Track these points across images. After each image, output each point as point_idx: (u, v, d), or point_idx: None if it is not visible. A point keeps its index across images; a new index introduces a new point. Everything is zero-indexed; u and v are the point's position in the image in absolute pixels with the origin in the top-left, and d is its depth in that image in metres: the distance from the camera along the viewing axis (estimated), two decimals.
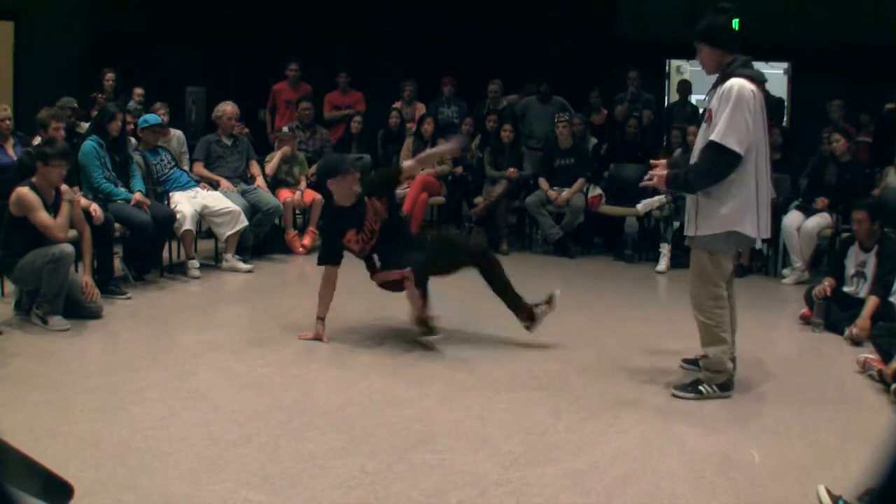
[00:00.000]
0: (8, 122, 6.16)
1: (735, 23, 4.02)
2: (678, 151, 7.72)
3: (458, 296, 5.44)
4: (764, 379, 4.40)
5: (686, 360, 4.46)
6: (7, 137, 6.12)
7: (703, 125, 3.97)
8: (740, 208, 3.87)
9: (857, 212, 5.45)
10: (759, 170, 3.91)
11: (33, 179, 5.08)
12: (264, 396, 3.98)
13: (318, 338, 4.87)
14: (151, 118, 6.82)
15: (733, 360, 4.26)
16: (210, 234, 7.00)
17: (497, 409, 3.90)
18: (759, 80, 3.90)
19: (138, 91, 8.35)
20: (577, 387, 4.24)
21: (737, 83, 3.80)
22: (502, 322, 5.29)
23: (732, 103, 3.77)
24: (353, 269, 5.72)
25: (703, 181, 3.88)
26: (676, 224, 7.32)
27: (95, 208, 5.62)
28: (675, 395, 4.09)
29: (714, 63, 3.96)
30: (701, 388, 4.07)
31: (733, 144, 3.75)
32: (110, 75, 8.12)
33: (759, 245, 4.36)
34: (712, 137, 3.81)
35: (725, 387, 4.08)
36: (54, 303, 4.96)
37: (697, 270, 4.05)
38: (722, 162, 3.81)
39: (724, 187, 3.87)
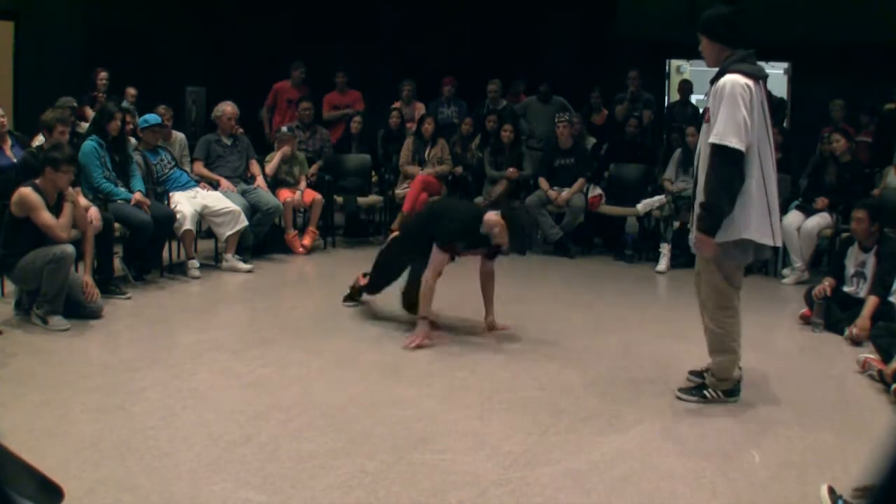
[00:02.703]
0: (3, 120, 6.12)
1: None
2: (678, 152, 7.74)
3: (459, 295, 5.45)
4: (764, 379, 4.40)
5: (692, 373, 4.31)
6: (4, 138, 6.09)
7: (704, 125, 3.88)
8: (748, 214, 3.73)
9: (857, 210, 5.44)
10: (766, 172, 3.77)
11: (37, 181, 5.08)
12: (264, 396, 3.98)
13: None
14: (151, 118, 6.81)
15: (739, 368, 4.25)
16: (210, 234, 7.00)
17: (497, 409, 3.90)
18: (756, 75, 3.77)
19: (131, 91, 8.34)
20: (577, 387, 4.24)
21: (729, 80, 3.70)
22: (502, 321, 5.29)
23: (726, 101, 3.67)
24: (352, 271, 5.74)
25: (723, 193, 3.69)
26: (676, 224, 7.33)
27: (95, 214, 5.56)
28: (679, 398, 4.07)
29: (713, 56, 3.86)
30: (706, 392, 4.04)
31: (733, 142, 3.64)
32: (103, 74, 8.10)
33: (768, 255, 4.22)
34: (711, 140, 3.70)
35: (731, 393, 4.04)
36: (54, 303, 4.96)
37: (708, 280, 3.93)
38: (728, 163, 3.67)
39: None
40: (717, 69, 3.86)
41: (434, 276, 4.84)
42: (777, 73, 10.68)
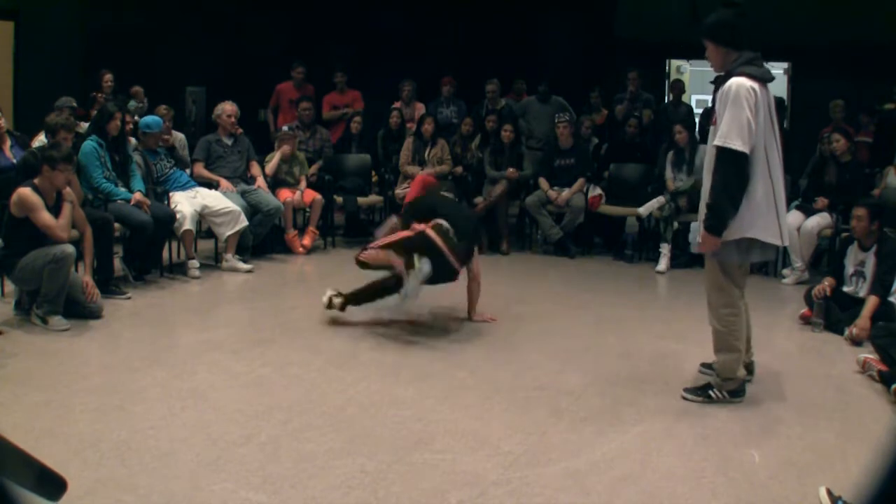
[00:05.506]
0: (1, 122, 6.11)
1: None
2: (670, 152, 7.72)
3: (457, 296, 5.45)
4: (764, 379, 4.39)
5: (704, 365, 4.40)
6: (4, 138, 6.07)
7: (711, 128, 3.89)
8: (752, 213, 3.74)
9: (857, 208, 5.44)
10: (773, 172, 3.80)
11: (35, 181, 5.08)
12: (264, 396, 3.98)
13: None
14: (154, 125, 6.75)
15: (750, 364, 4.25)
16: (210, 234, 7.00)
17: (497, 409, 3.90)
18: (762, 78, 3.78)
19: (139, 91, 8.33)
20: (577, 387, 4.24)
21: (734, 82, 3.71)
22: (502, 322, 5.29)
23: (731, 103, 3.68)
24: (353, 270, 5.73)
25: (725, 195, 3.72)
26: (676, 224, 7.33)
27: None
28: (684, 397, 4.07)
29: (719, 61, 3.86)
30: (711, 392, 4.03)
31: (737, 145, 3.65)
32: (108, 76, 8.10)
33: (772, 256, 4.21)
34: (715, 142, 3.72)
35: (735, 394, 4.03)
36: (54, 303, 4.96)
37: (711, 278, 3.96)
38: (731, 165, 3.69)
39: None
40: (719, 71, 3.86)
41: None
42: (777, 73, 10.67)
